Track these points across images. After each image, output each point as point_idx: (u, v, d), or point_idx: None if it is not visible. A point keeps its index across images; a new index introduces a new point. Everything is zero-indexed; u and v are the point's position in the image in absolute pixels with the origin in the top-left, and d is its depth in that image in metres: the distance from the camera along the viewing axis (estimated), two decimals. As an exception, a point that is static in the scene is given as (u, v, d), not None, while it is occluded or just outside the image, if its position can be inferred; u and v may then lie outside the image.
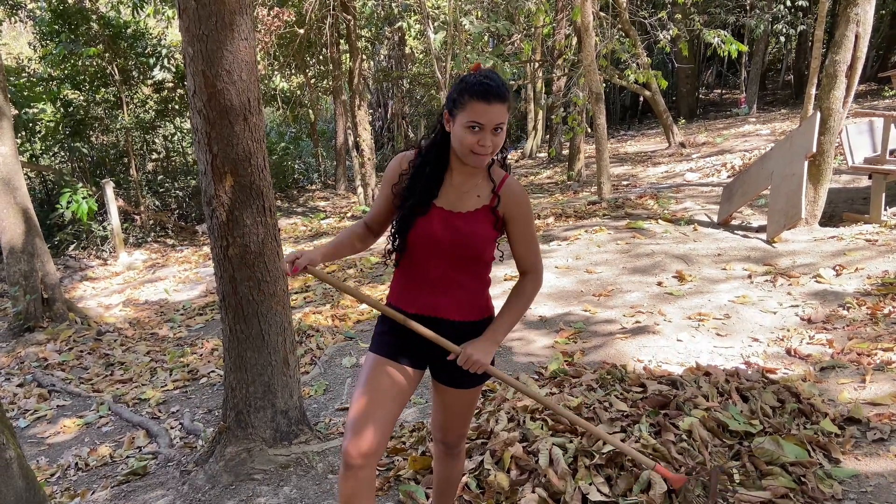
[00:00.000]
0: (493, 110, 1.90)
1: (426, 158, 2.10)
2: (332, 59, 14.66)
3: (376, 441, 1.99)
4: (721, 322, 4.81)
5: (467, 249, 2.05)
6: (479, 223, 2.06)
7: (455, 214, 2.05)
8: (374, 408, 2.03)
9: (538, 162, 17.82)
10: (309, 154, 19.43)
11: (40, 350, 6.22)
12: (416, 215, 2.05)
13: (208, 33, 2.97)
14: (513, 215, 2.09)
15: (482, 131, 1.91)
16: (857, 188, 8.24)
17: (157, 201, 13.43)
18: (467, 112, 1.91)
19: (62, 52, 11.64)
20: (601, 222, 8.19)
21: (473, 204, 2.07)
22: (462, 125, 1.93)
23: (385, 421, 2.03)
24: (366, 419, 2.00)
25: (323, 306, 6.59)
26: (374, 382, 2.08)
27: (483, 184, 2.09)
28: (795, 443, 2.92)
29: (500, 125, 1.93)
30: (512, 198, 2.08)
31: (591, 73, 9.29)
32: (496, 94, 1.90)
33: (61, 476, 3.90)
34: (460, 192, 2.08)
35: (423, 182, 2.07)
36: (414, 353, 2.14)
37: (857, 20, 6.02)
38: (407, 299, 2.13)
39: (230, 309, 3.34)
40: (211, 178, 3.15)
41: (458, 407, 2.23)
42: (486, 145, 1.93)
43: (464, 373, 2.11)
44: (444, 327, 2.11)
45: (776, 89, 25.23)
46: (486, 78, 1.93)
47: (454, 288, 2.10)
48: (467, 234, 2.04)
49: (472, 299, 2.14)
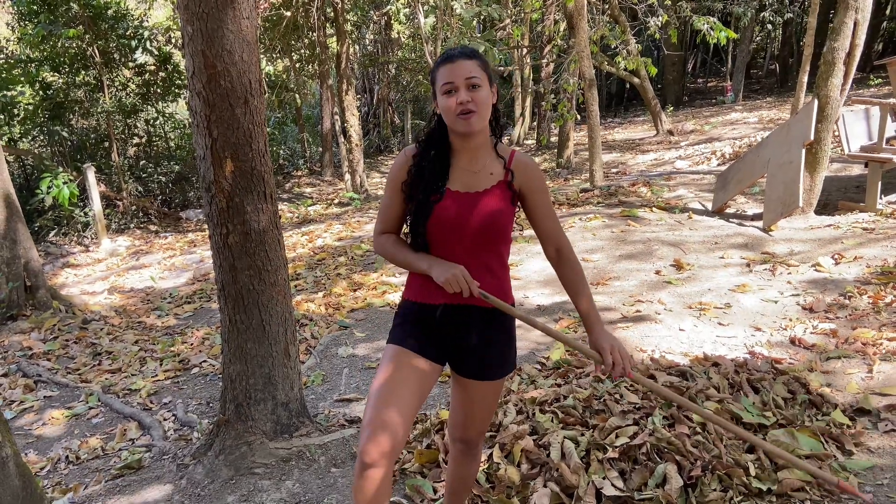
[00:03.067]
0: (459, 66, 1.92)
1: (428, 144, 2.06)
2: (319, 42, 14.43)
3: (397, 439, 1.87)
4: (722, 311, 4.77)
5: (491, 228, 2.00)
6: (498, 199, 2.01)
7: (472, 195, 2.00)
8: (394, 404, 1.91)
9: (526, 149, 17.74)
10: (294, 140, 19.18)
11: (24, 339, 6.05)
12: (433, 202, 1.99)
13: (208, 11, 2.84)
14: (530, 188, 2.06)
15: (457, 90, 1.91)
16: (850, 176, 8.25)
17: (139, 187, 13.18)
18: (439, 80, 1.95)
19: (40, 32, 11.32)
20: (595, 210, 8.14)
21: (489, 181, 2.02)
22: (440, 95, 1.96)
23: (406, 418, 1.92)
24: (386, 416, 1.88)
25: (315, 294, 6.48)
26: (395, 377, 1.98)
27: (493, 161, 2.05)
28: (809, 435, 2.88)
29: (472, 79, 1.92)
30: (525, 170, 2.06)
31: (583, 59, 9.19)
32: (459, 53, 1.95)
33: (51, 470, 3.78)
34: (471, 172, 2.03)
35: (430, 166, 2.02)
36: (435, 347, 2.06)
37: (855, 7, 5.98)
38: (433, 291, 2.04)
39: (230, 298, 3.23)
40: (210, 164, 3.03)
41: (483, 401, 2.15)
42: (463, 101, 1.90)
43: (488, 364, 2.07)
44: (473, 314, 2.05)
45: (761, 77, 25.32)
46: (450, 48, 2.00)
47: (482, 272, 2.03)
48: (490, 212, 1.99)
49: (499, 285, 2.08)
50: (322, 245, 8.88)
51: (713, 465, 2.65)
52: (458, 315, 2.04)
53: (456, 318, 2.04)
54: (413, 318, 2.08)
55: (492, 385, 2.13)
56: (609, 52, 14.63)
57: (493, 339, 2.08)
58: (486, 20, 17.93)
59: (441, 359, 2.10)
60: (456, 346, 2.08)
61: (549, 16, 13.91)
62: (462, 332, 2.06)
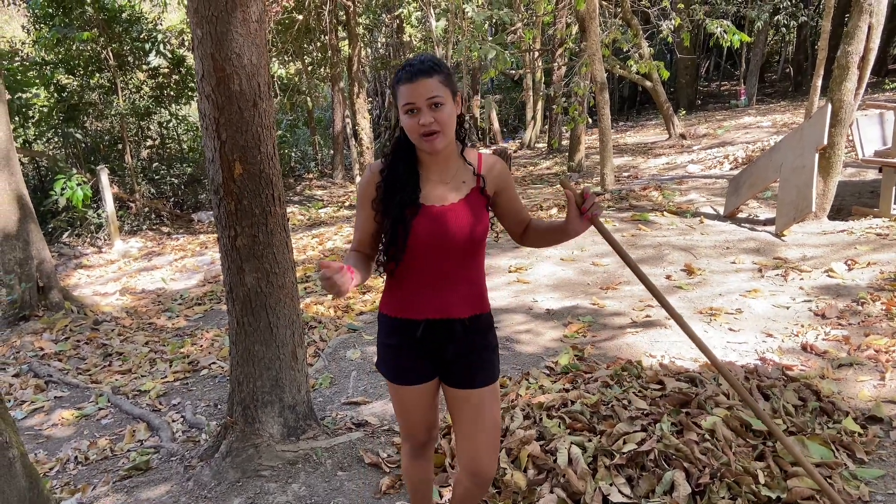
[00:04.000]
0: (419, 86, 1.84)
1: (396, 157, 2.02)
2: (331, 45, 14.47)
3: (430, 436, 2.29)
4: (733, 317, 4.73)
5: (471, 240, 2.00)
6: (474, 209, 2.01)
7: (447, 209, 1.98)
8: (415, 419, 2.22)
9: (537, 152, 17.70)
10: (306, 142, 19.24)
11: (36, 339, 6.09)
12: (410, 217, 1.96)
13: (218, 15, 2.85)
14: (501, 187, 2.08)
15: (418, 111, 1.86)
16: (864, 181, 8.17)
17: (152, 188, 13.25)
18: (399, 98, 1.89)
19: (55, 35, 11.43)
20: (606, 214, 8.10)
21: (462, 191, 2.01)
22: (402, 114, 1.90)
23: (430, 424, 2.26)
24: (413, 428, 2.25)
25: (324, 297, 6.48)
26: (403, 404, 2.20)
27: (462, 169, 2.04)
28: (820, 443, 2.85)
29: (434, 98, 1.85)
30: (494, 173, 2.06)
31: (595, 62, 9.17)
32: (418, 70, 1.86)
33: (60, 470, 3.80)
34: (443, 184, 2.01)
35: (402, 180, 1.99)
36: (423, 362, 2.10)
37: (870, 10, 5.92)
38: (413, 307, 2.05)
39: (238, 301, 3.24)
40: (219, 166, 3.04)
41: (480, 415, 2.09)
42: (425, 123, 1.85)
43: (475, 370, 2.08)
44: (455, 328, 2.06)
45: (775, 81, 25.16)
46: (409, 60, 1.91)
47: (462, 284, 2.05)
48: (468, 224, 1.99)
49: (478, 292, 2.10)
50: (332, 247, 8.90)
51: (722, 472, 2.62)
52: (441, 330, 2.05)
53: (438, 333, 2.05)
54: (396, 338, 2.09)
55: (484, 394, 2.09)
56: (621, 55, 14.58)
57: (475, 346, 2.09)
58: (498, 23, 17.94)
59: (431, 375, 2.13)
60: (441, 357, 2.09)
61: (561, 19, 13.89)
62: (445, 344, 2.07)
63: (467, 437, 2.12)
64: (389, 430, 3.64)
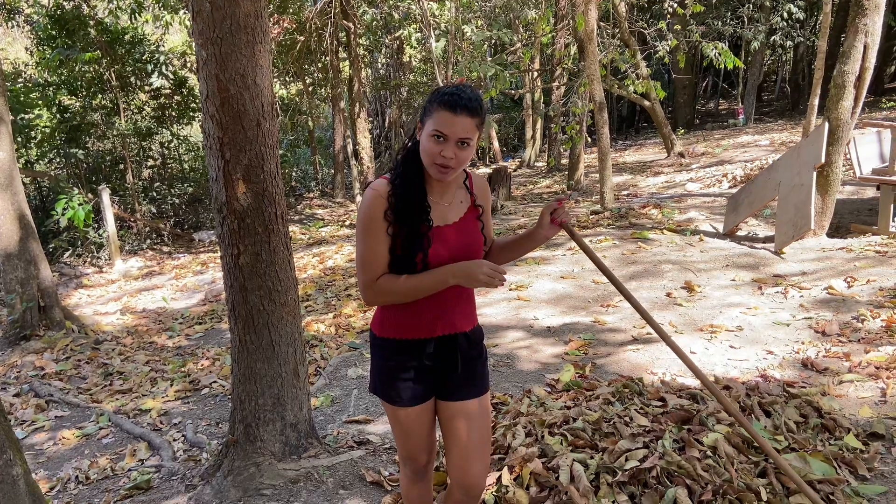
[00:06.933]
0: (458, 122, 1.83)
1: (407, 173, 1.98)
2: (332, 66, 14.60)
3: (430, 458, 2.31)
4: (733, 334, 4.74)
5: (475, 254, 2.06)
6: (473, 226, 2.08)
7: (452, 226, 2.04)
8: (416, 441, 2.21)
9: (537, 171, 17.79)
10: (306, 162, 19.33)
11: (37, 359, 6.09)
12: (427, 239, 1.96)
13: (222, 36, 2.89)
14: (483, 206, 2.15)
15: (446, 142, 1.85)
16: (862, 199, 8.21)
17: (153, 208, 13.30)
18: (433, 120, 1.86)
19: (58, 57, 11.54)
20: (605, 232, 8.13)
21: (461, 210, 2.08)
22: (428, 133, 1.88)
23: (430, 446, 2.27)
24: (414, 451, 2.24)
25: (325, 315, 6.49)
26: (404, 427, 2.18)
27: (459, 188, 2.10)
28: (822, 459, 2.85)
29: (465, 139, 1.86)
30: (482, 192, 2.15)
31: (593, 82, 9.25)
32: (464, 105, 1.84)
33: (61, 490, 3.78)
34: (446, 203, 2.05)
35: (417, 201, 1.97)
36: (422, 383, 2.12)
37: (865, 31, 6.00)
38: (423, 326, 2.06)
39: (240, 319, 3.25)
40: (223, 185, 3.07)
41: (472, 427, 2.12)
42: (448, 157, 1.86)
43: (472, 381, 2.13)
44: (461, 342, 2.11)
45: (773, 100, 25.33)
46: (459, 89, 1.88)
47: (463, 300, 2.12)
48: (473, 242, 2.06)
49: (474, 304, 2.20)
50: (332, 266, 8.92)
51: (724, 489, 2.62)
52: (449, 345, 2.08)
53: (447, 349, 2.08)
54: (397, 360, 2.09)
55: (477, 405, 2.13)
56: (619, 75, 14.70)
57: (471, 358, 2.13)
58: (497, 44, 18.10)
59: (428, 394, 2.15)
60: (444, 374, 2.11)
61: (560, 39, 14.03)
62: (452, 360, 2.09)
63: (460, 449, 2.13)
64: (391, 448, 3.63)
